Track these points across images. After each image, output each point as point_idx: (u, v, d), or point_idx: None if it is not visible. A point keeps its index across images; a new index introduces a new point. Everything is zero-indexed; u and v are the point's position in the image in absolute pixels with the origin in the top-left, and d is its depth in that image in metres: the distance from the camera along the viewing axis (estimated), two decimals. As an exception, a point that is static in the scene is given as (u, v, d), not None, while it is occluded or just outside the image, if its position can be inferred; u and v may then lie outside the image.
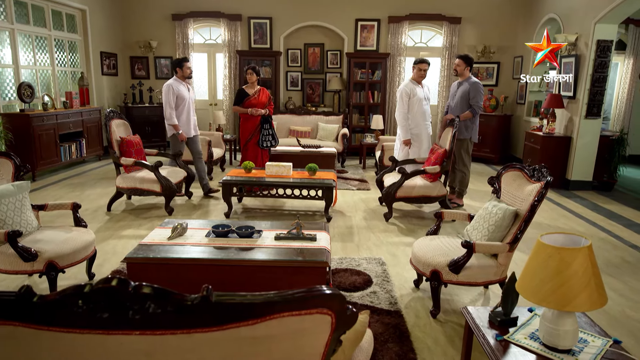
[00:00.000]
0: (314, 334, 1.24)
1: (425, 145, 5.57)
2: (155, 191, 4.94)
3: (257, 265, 2.69)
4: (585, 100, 6.36)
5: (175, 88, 5.37)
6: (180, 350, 1.20)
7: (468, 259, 2.78)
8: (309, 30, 9.18)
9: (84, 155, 7.58)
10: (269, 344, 1.21)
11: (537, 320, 2.03)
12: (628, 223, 5.09)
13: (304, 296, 1.16)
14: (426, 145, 5.57)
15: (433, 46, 9.21)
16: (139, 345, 1.18)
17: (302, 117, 8.49)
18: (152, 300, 1.11)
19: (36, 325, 1.15)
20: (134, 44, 9.21)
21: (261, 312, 1.13)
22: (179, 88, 5.41)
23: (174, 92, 5.35)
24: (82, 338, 1.17)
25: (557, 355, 1.76)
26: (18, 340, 1.17)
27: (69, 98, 7.26)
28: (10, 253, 2.87)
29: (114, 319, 1.13)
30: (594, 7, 6.19)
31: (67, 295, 1.11)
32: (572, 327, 1.76)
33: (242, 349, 1.20)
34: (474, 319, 2.04)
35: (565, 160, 6.66)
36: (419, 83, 5.49)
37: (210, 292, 1.11)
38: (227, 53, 9.06)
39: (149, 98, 9.17)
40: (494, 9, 8.76)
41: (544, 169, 2.98)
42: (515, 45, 8.80)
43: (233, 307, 1.12)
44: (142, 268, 2.72)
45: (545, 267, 1.68)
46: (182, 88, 5.45)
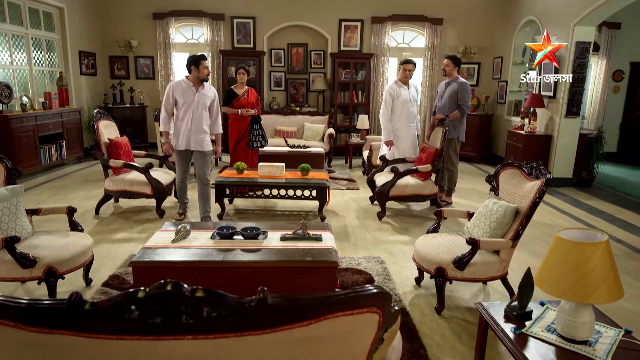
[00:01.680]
0: (363, 333, 1.26)
1: (405, 146, 5.59)
2: (146, 193, 4.84)
3: (267, 267, 2.68)
4: (565, 100, 6.58)
5: (178, 88, 4.51)
6: (231, 354, 1.19)
7: (473, 255, 2.84)
8: (292, 30, 9.17)
9: (64, 158, 7.36)
10: (320, 344, 1.21)
11: (551, 313, 2.09)
12: (610, 218, 5.30)
13: (356, 296, 1.17)
14: (407, 147, 5.60)
15: (415, 47, 9.34)
16: (190, 350, 1.17)
17: (287, 117, 8.47)
18: (207, 303, 1.10)
19: (86, 334, 1.12)
20: (113, 43, 9.00)
21: (316, 312, 1.14)
22: (183, 89, 4.51)
23: (172, 93, 4.52)
24: (132, 345, 1.15)
25: (575, 346, 1.83)
26: (66, 350, 1.14)
27: (48, 99, 7.04)
28: (6, 260, 2.77)
29: (166, 324, 1.12)
30: (572, 10, 6.41)
31: (120, 301, 1.09)
32: (589, 319, 1.82)
33: (293, 351, 1.21)
34: (490, 314, 2.09)
35: (547, 158, 6.87)
36: (404, 84, 5.55)
37: (267, 293, 1.11)
38: (210, 53, 8.95)
39: (129, 98, 8.97)
40: (474, 10, 8.94)
41: (541, 167, 3.07)
42: (494, 46, 9.02)
43: (289, 308, 1.12)
44: (149, 272, 2.67)
45: (565, 262, 1.74)
46: (188, 90, 4.51)
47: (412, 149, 5.65)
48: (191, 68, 4.47)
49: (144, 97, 9.06)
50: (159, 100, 9.15)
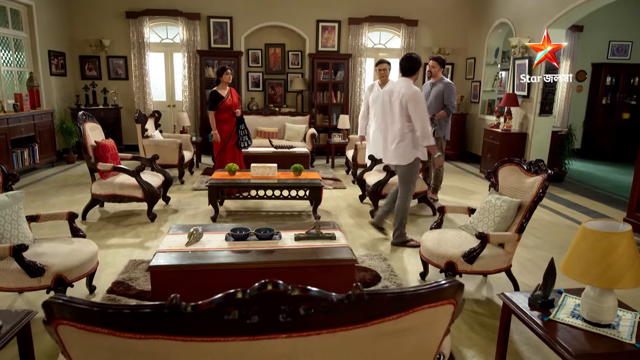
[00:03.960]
0: (440, 324, 1.31)
1: (371, 146, 5.67)
2: (137, 197, 4.72)
3: (288, 267, 2.69)
4: (539, 99, 6.90)
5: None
6: (320, 350, 1.22)
7: (483, 249, 2.97)
8: (269, 30, 9.14)
9: (37, 162, 7.05)
10: (403, 337, 1.26)
11: (569, 300, 2.22)
12: (586, 210, 5.61)
13: (441, 288, 1.22)
14: (372, 148, 5.65)
15: (391, 47, 9.52)
16: (282, 349, 1.19)
17: (268, 117, 8.44)
18: (307, 301, 1.12)
19: (181, 337, 1.12)
20: (83, 43, 8.68)
21: (406, 306, 1.18)
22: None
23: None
24: (225, 346, 1.15)
25: (600, 330, 1.96)
26: (159, 354, 1.14)
27: (19, 100, 6.72)
28: (12, 269, 2.66)
29: (262, 324, 1.13)
30: (544, 13, 6.73)
31: (221, 302, 1.09)
32: (613, 304, 1.96)
33: (379, 344, 1.24)
34: (516, 303, 2.19)
35: (522, 154, 7.17)
36: (381, 85, 5.67)
37: (362, 289, 1.14)
38: (186, 53, 8.80)
39: (103, 100, 8.67)
40: (448, 13, 9.21)
41: (540, 163, 3.23)
42: (467, 47, 9.32)
43: (383, 302, 1.16)
44: (168, 276, 2.62)
45: (594, 251, 1.86)
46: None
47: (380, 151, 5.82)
48: None
49: (118, 99, 8.79)
50: (134, 101, 8.92)
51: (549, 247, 4.34)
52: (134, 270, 3.55)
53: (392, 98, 4.04)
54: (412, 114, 3.90)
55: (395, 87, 4.06)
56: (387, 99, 4.10)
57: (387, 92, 4.12)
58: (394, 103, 4.01)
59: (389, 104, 4.08)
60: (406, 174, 4.11)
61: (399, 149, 4.03)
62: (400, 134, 4.01)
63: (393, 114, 4.05)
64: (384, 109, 4.14)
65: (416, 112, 3.88)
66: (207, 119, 8.82)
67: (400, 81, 4.05)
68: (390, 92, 4.09)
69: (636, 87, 9.62)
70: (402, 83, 4.00)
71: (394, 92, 4.03)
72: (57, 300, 1.10)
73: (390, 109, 4.06)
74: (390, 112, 4.08)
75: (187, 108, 8.95)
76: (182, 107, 9.05)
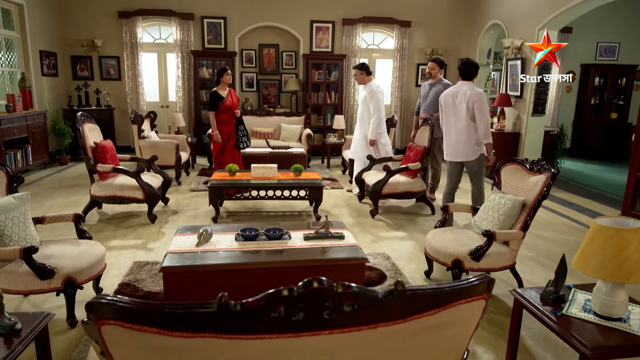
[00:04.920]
0: (473, 318, 1.35)
1: (351, 146, 5.89)
2: (137, 198, 4.69)
3: (300, 266, 2.71)
4: (532, 100, 7.02)
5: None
6: (360, 346, 1.24)
7: (489, 246, 3.02)
8: (263, 30, 9.14)
9: (30, 163, 6.95)
10: (439, 331, 1.29)
11: (580, 295, 2.28)
12: (580, 209, 5.72)
13: (478, 283, 1.25)
14: (352, 147, 5.90)
15: (385, 48, 9.58)
16: (323, 345, 1.21)
17: (263, 118, 8.43)
18: (351, 298, 1.15)
19: (228, 335, 1.13)
20: (75, 43, 8.57)
21: (445, 301, 1.21)
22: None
23: None
24: (269, 343, 1.17)
25: (612, 323, 2.02)
26: (206, 352, 1.15)
27: (12, 101, 6.62)
28: (21, 272, 2.63)
29: (307, 321, 1.15)
30: (537, 15, 6.85)
31: (269, 300, 1.11)
32: (624, 298, 2.02)
33: (416, 339, 1.27)
34: (528, 299, 2.24)
35: (516, 153, 7.28)
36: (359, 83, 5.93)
37: (404, 284, 1.17)
38: (180, 53, 8.75)
39: (96, 100, 8.57)
40: (441, 13, 9.31)
41: (542, 162, 3.31)
42: (459, 48, 9.43)
43: (424, 298, 1.19)
44: (181, 277, 2.62)
45: (607, 247, 1.92)
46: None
47: (353, 148, 6.01)
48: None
49: (111, 99, 8.71)
50: (127, 102, 8.84)
51: (547, 244, 4.43)
52: (139, 272, 3.54)
53: (457, 100, 4.35)
54: (477, 113, 4.24)
55: (458, 89, 4.38)
56: (451, 101, 4.42)
57: (450, 95, 4.45)
58: (460, 104, 4.33)
59: (452, 105, 4.40)
60: (476, 169, 4.44)
61: (466, 146, 4.38)
62: (466, 132, 4.34)
63: (457, 115, 4.38)
64: (447, 110, 4.47)
65: (481, 112, 4.23)
66: (201, 119, 8.84)
67: (463, 84, 4.36)
68: (453, 94, 4.41)
69: (623, 87, 9.83)
70: (465, 86, 4.33)
71: (458, 95, 4.35)
72: (103, 300, 1.10)
73: (455, 110, 4.39)
74: (454, 113, 4.41)
75: (180, 109, 8.90)
76: (176, 107, 8.99)
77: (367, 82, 5.71)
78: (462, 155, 4.44)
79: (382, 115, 5.69)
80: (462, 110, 4.31)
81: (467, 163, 4.47)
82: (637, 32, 9.53)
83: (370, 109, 5.63)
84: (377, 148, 5.79)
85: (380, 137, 5.75)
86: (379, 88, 5.71)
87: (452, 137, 4.46)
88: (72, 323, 2.78)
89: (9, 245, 2.67)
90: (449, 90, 4.53)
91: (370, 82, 5.72)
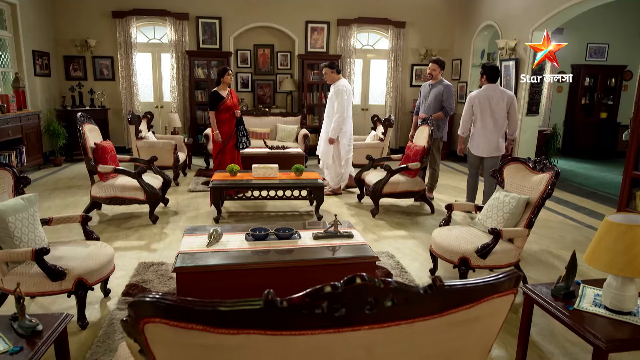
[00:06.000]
0: (502, 312, 1.38)
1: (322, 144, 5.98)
2: (138, 199, 4.67)
3: (312, 265, 2.74)
4: (526, 99, 7.12)
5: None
6: (396, 341, 1.27)
7: (495, 244, 3.07)
8: (258, 31, 9.14)
9: (25, 164, 6.87)
10: (472, 325, 1.33)
11: (589, 290, 2.34)
12: (575, 207, 5.83)
13: (509, 279, 1.29)
14: (322, 145, 5.96)
15: (379, 48, 9.65)
16: (362, 340, 1.24)
17: (259, 118, 8.43)
18: (392, 294, 1.17)
19: (271, 331, 1.15)
20: (68, 43, 8.49)
21: (480, 295, 1.25)
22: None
23: None
24: (310, 339, 1.19)
25: (623, 317, 2.07)
26: (249, 349, 1.17)
27: (6, 101, 6.53)
28: (32, 273, 2.62)
29: (349, 317, 1.17)
30: (530, 16, 6.96)
31: (313, 296, 1.13)
32: (635, 292, 2.08)
33: (449, 333, 1.31)
34: (540, 295, 2.30)
35: (511, 153, 7.37)
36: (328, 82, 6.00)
37: (442, 280, 1.20)
38: (175, 53, 8.71)
39: (90, 101, 8.49)
40: (435, 15, 9.40)
41: (545, 161, 3.37)
42: (453, 49, 9.53)
43: (461, 293, 1.23)
44: (194, 277, 2.63)
45: (619, 243, 1.97)
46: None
47: (319, 146, 6.09)
48: None
49: (105, 100, 8.63)
50: (121, 102, 8.78)
51: (546, 241, 4.51)
52: (145, 273, 3.53)
53: (493, 101, 4.83)
54: (511, 111, 4.85)
55: (492, 92, 4.85)
56: (486, 102, 4.87)
57: (485, 97, 4.87)
58: (497, 105, 4.83)
59: (488, 106, 4.86)
60: (493, 164, 4.86)
61: (498, 143, 4.91)
62: (499, 130, 4.88)
63: (495, 115, 4.86)
64: (484, 109, 4.88)
65: (515, 110, 4.86)
66: (196, 120, 8.81)
67: (493, 87, 4.86)
68: (488, 97, 4.86)
69: (613, 87, 10.01)
70: (497, 88, 4.87)
71: (493, 97, 4.83)
72: (147, 298, 1.12)
73: (491, 111, 4.85)
74: (490, 114, 4.87)
75: (175, 109, 8.85)
76: (171, 108, 8.95)
77: (337, 81, 5.75)
78: (491, 151, 4.93)
79: (345, 114, 5.72)
80: (500, 109, 4.83)
81: (490, 158, 4.94)
82: (626, 33, 9.72)
83: (335, 107, 5.66)
84: (337, 147, 5.83)
85: (343, 136, 5.80)
86: (346, 87, 5.73)
87: (487, 133, 4.89)
88: (82, 324, 2.77)
89: (18, 246, 2.65)
90: (481, 92, 4.91)
91: (338, 80, 5.76)
